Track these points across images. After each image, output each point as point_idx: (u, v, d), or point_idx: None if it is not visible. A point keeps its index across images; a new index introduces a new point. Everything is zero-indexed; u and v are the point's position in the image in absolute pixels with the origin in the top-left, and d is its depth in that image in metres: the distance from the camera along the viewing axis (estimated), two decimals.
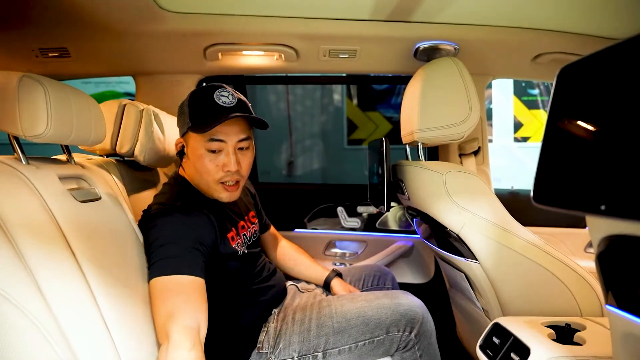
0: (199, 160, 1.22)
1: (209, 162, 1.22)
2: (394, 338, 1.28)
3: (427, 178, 1.37)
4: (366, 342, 1.27)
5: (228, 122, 1.20)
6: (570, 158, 0.60)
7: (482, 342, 1.11)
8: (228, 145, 1.22)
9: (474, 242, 1.29)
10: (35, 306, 0.80)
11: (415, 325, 1.28)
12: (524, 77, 2.02)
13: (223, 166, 1.22)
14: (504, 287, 1.29)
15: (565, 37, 1.60)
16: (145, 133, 1.44)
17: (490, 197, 1.32)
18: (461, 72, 1.38)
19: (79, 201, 1.00)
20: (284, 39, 1.64)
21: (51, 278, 0.84)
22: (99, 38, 1.61)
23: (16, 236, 0.82)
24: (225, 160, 1.22)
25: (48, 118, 0.93)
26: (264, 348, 1.29)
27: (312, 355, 1.27)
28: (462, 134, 1.37)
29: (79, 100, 1.04)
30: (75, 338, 0.83)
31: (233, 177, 1.24)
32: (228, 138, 1.22)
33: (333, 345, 1.27)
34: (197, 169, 1.24)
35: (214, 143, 1.21)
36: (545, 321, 1.09)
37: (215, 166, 1.22)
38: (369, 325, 1.28)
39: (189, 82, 1.95)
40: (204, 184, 1.25)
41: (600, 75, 0.56)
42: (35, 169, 0.96)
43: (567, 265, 1.25)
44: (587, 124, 0.57)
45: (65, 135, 1.00)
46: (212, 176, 1.23)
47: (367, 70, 1.91)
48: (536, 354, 0.94)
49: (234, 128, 1.22)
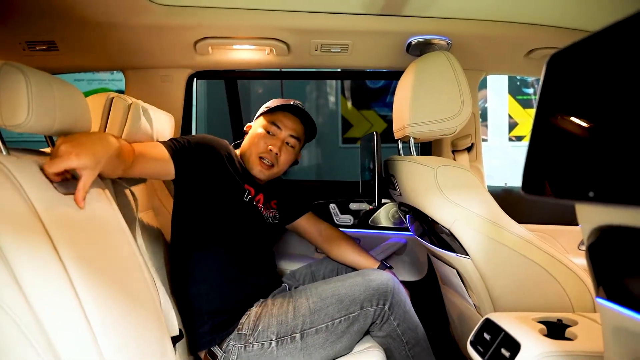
0: (255, 135, 1.56)
1: (261, 138, 1.54)
2: (367, 312, 1.35)
3: (418, 173, 1.36)
4: (342, 319, 1.34)
5: (288, 117, 1.57)
6: (559, 147, 0.59)
7: (473, 338, 1.10)
8: (281, 133, 1.56)
9: (465, 238, 1.28)
10: (14, 301, 0.77)
11: (387, 297, 1.35)
12: (517, 73, 2.02)
13: (269, 145, 1.53)
14: (496, 283, 1.28)
15: (559, 32, 1.59)
16: (131, 127, 1.41)
17: (482, 192, 1.30)
18: (453, 66, 1.37)
19: (62, 193, 0.98)
20: (275, 32, 1.62)
21: (31, 272, 0.82)
22: (87, 31, 1.59)
23: None
24: (273, 142, 1.54)
25: (29, 107, 0.90)
26: (243, 329, 1.35)
27: (290, 337, 1.32)
28: (454, 128, 1.36)
29: (62, 89, 1.01)
30: (55, 334, 0.81)
31: (271, 158, 1.54)
32: (284, 128, 1.56)
33: (310, 325, 1.32)
34: (250, 141, 1.56)
35: (272, 127, 1.55)
36: (537, 317, 1.07)
37: (263, 142, 1.54)
38: (343, 303, 1.34)
39: (179, 76, 1.93)
40: (248, 154, 1.55)
41: (590, 61, 0.54)
42: (16, 160, 0.93)
43: (559, 260, 1.23)
44: (577, 112, 0.56)
45: (48, 126, 0.97)
46: (257, 148, 1.54)
47: (360, 65, 1.89)
48: (527, 349, 0.92)
49: (290, 123, 1.57)
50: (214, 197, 1.43)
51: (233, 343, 1.34)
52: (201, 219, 1.44)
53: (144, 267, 1.15)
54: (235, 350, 1.33)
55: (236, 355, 1.33)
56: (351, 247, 1.68)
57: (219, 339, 1.36)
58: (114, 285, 0.99)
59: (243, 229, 1.49)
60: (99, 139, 0.99)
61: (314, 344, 1.32)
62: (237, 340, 1.34)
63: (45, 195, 0.93)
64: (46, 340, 0.79)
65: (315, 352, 1.33)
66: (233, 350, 1.33)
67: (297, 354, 1.32)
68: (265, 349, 1.31)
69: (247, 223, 1.51)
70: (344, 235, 1.73)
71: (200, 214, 1.44)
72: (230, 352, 1.33)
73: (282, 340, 1.31)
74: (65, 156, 0.91)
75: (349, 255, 1.66)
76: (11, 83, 0.90)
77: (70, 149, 0.91)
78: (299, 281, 1.68)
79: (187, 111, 2.02)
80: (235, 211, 1.48)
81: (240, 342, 1.33)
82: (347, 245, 1.68)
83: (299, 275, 1.70)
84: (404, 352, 1.40)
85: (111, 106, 1.44)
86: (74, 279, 0.89)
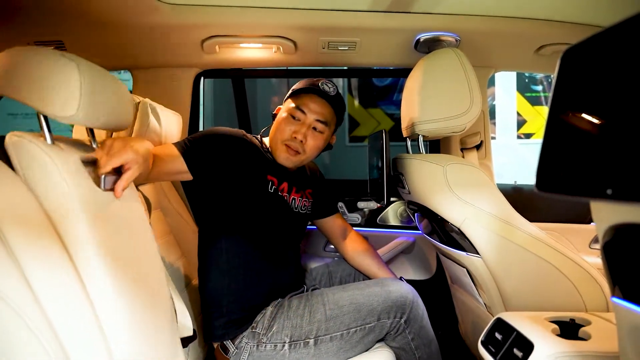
0: (281, 121, 1.45)
1: (286, 123, 1.44)
2: (384, 324, 1.32)
3: (428, 171, 1.34)
4: (358, 329, 1.31)
5: (315, 100, 1.44)
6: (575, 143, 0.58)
7: (484, 338, 1.09)
8: (307, 118, 1.44)
9: (475, 236, 1.26)
10: (24, 299, 0.77)
11: (405, 310, 1.33)
12: (526, 69, 1.99)
13: (293, 132, 1.43)
14: (507, 282, 1.26)
15: (569, 27, 1.57)
16: (140, 125, 1.41)
17: (493, 189, 1.29)
18: (463, 63, 1.35)
19: (106, 189, 0.97)
20: (282, 30, 1.62)
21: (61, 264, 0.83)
22: (95, 30, 1.59)
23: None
24: (297, 128, 1.43)
25: (80, 101, 0.89)
26: (257, 328, 1.34)
27: (304, 342, 1.30)
28: (463, 126, 1.34)
29: (112, 85, 1.00)
30: (63, 330, 0.81)
31: (296, 146, 1.43)
32: (309, 112, 1.43)
33: (325, 332, 1.30)
34: (276, 126, 1.47)
35: (297, 111, 1.44)
36: (549, 316, 1.06)
37: (289, 128, 1.43)
38: (360, 312, 1.31)
39: (186, 75, 1.93)
40: (273, 140, 1.47)
41: (605, 56, 0.53)
42: (60, 151, 0.92)
43: (572, 259, 1.22)
44: (592, 108, 0.55)
45: (94, 119, 0.96)
46: (282, 135, 1.44)
47: (367, 63, 1.88)
48: (540, 349, 0.91)
49: (317, 107, 1.44)
50: (236, 190, 1.39)
51: (246, 340, 1.33)
52: (226, 213, 1.41)
53: (162, 268, 1.15)
54: (247, 348, 1.32)
55: (248, 353, 1.32)
56: (374, 259, 1.61)
57: (232, 334, 1.35)
58: (134, 284, 0.99)
59: (270, 221, 1.45)
60: (141, 140, 1.05)
61: (327, 351, 1.30)
62: (250, 339, 1.33)
63: (84, 189, 0.93)
64: (53, 335, 0.79)
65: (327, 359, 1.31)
66: (245, 348, 1.33)
67: (308, 359, 1.30)
68: (278, 351, 1.30)
69: (273, 215, 1.46)
70: (367, 244, 1.67)
71: (225, 208, 1.41)
72: (243, 349, 1.33)
73: (295, 344, 1.30)
74: (122, 151, 0.94)
75: (371, 268, 1.59)
76: (65, 76, 0.89)
77: (124, 145, 0.96)
78: (315, 280, 1.66)
79: (194, 110, 2.02)
80: (260, 204, 1.42)
81: (253, 341, 1.33)
82: (370, 257, 1.61)
83: (315, 274, 1.68)
84: None
85: None
86: (99, 276, 0.88)
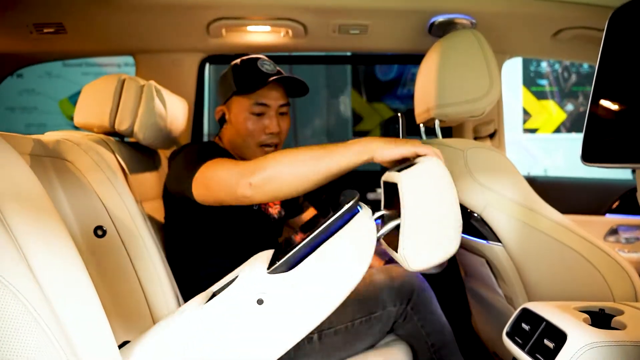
0: (242, 123, 1.31)
1: (252, 124, 1.30)
2: (390, 313, 1.27)
3: (446, 156, 1.28)
4: (363, 320, 1.25)
5: (271, 87, 1.30)
6: (623, 111, 0.55)
7: (510, 329, 1.03)
8: (271, 109, 1.31)
9: (497, 224, 1.21)
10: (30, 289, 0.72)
11: (411, 297, 1.28)
12: (542, 55, 1.96)
13: (265, 128, 1.30)
14: (530, 272, 1.21)
15: (590, 10, 1.52)
16: (146, 109, 1.36)
17: (515, 174, 1.23)
18: (481, 44, 1.30)
19: None
20: (292, 12, 1.56)
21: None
22: (95, 12, 1.54)
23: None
24: (267, 122, 1.31)
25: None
26: None
27: (307, 338, 1.21)
28: (483, 109, 1.29)
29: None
30: (66, 315, 0.75)
31: (273, 140, 1.33)
32: (271, 102, 1.31)
33: (328, 325, 1.23)
34: (240, 132, 1.32)
35: (258, 107, 1.30)
36: (578, 306, 1.00)
37: (259, 128, 1.30)
38: (364, 302, 1.26)
39: (191, 60, 1.88)
40: (245, 147, 1.33)
41: None
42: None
43: (599, 247, 1.16)
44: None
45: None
46: (254, 139, 1.31)
47: (379, 48, 1.84)
48: (574, 339, 0.85)
49: (276, 93, 1.32)
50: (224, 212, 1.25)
51: None
52: (203, 233, 1.31)
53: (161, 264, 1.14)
54: None
55: None
56: None
57: None
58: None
59: (254, 239, 1.34)
60: None
61: (333, 345, 1.24)
62: None
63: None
64: (57, 323, 0.74)
65: (335, 354, 1.25)
66: None
67: (314, 355, 1.23)
68: None
69: (254, 233, 1.37)
70: None
71: (202, 228, 1.31)
72: None
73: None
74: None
75: None
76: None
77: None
78: None
79: (199, 97, 1.97)
80: (242, 224, 1.33)
81: None
82: None
83: None
84: (429, 354, 1.33)
85: (122, 88, 1.38)
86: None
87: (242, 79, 1.31)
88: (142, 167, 1.48)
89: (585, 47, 1.72)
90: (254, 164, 1.00)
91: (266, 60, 1.34)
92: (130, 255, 1.10)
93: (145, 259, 1.10)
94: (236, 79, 1.32)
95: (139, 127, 1.36)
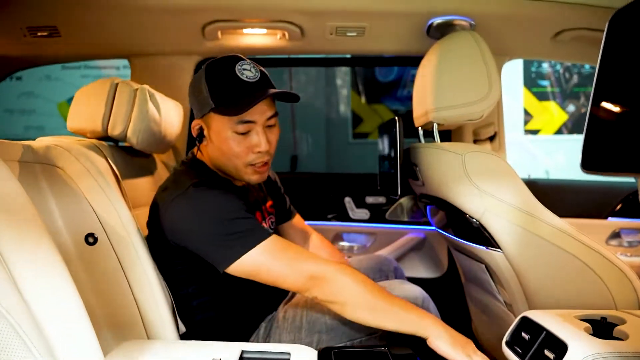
0: (225, 143, 1.13)
1: (237, 144, 1.13)
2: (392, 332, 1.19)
3: (445, 160, 1.27)
4: (362, 340, 1.18)
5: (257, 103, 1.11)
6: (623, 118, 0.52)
7: (509, 338, 1.01)
8: (257, 125, 1.13)
9: (496, 229, 1.18)
10: None
11: None
12: (543, 57, 1.93)
13: (253, 147, 1.13)
14: (530, 278, 1.18)
15: (590, 11, 1.49)
16: (139, 113, 1.34)
17: (515, 179, 1.21)
18: (480, 46, 1.28)
19: None
20: (288, 15, 1.54)
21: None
22: (90, 14, 1.52)
23: None
24: (255, 140, 1.13)
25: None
26: None
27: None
28: (481, 112, 1.27)
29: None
30: (48, 324, 0.73)
31: (263, 158, 1.16)
32: (257, 118, 1.12)
33: (327, 343, 1.16)
34: (224, 152, 1.15)
35: (243, 125, 1.11)
36: (579, 314, 0.98)
37: (245, 148, 1.13)
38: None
39: (186, 64, 1.85)
40: (232, 168, 1.17)
41: None
42: None
43: (601, 253, 1.14)
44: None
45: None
46: (241, 159, 1.14)
47: (377, 50, 1.81)
48: (574, 350, 0.83)
49: (262, 107, 1.12)
50: None
51: None
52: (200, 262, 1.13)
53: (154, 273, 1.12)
54: None
55: None
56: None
57: None
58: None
59: None
60: None
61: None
62: None
63: None
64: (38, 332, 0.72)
65: None
66: None
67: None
68: None
69: None
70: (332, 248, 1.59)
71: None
72: None
73: None
74: None
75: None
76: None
77: None
78: None
79: None
80: None
81: None
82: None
83: None
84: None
85: (116, 92, 1.36)
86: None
87: (220, 93, 1.11)
88: (136, 172, 1.45)
89: (586, 49, 1.69)
90: (327, 282, 1.04)
91: (246, 62, 1.14)
92: (122, 263, 1.08)
93: (137, 267, 1.08)
94: (212, 92, 1.11)
95: (132, 131, 1.34)
